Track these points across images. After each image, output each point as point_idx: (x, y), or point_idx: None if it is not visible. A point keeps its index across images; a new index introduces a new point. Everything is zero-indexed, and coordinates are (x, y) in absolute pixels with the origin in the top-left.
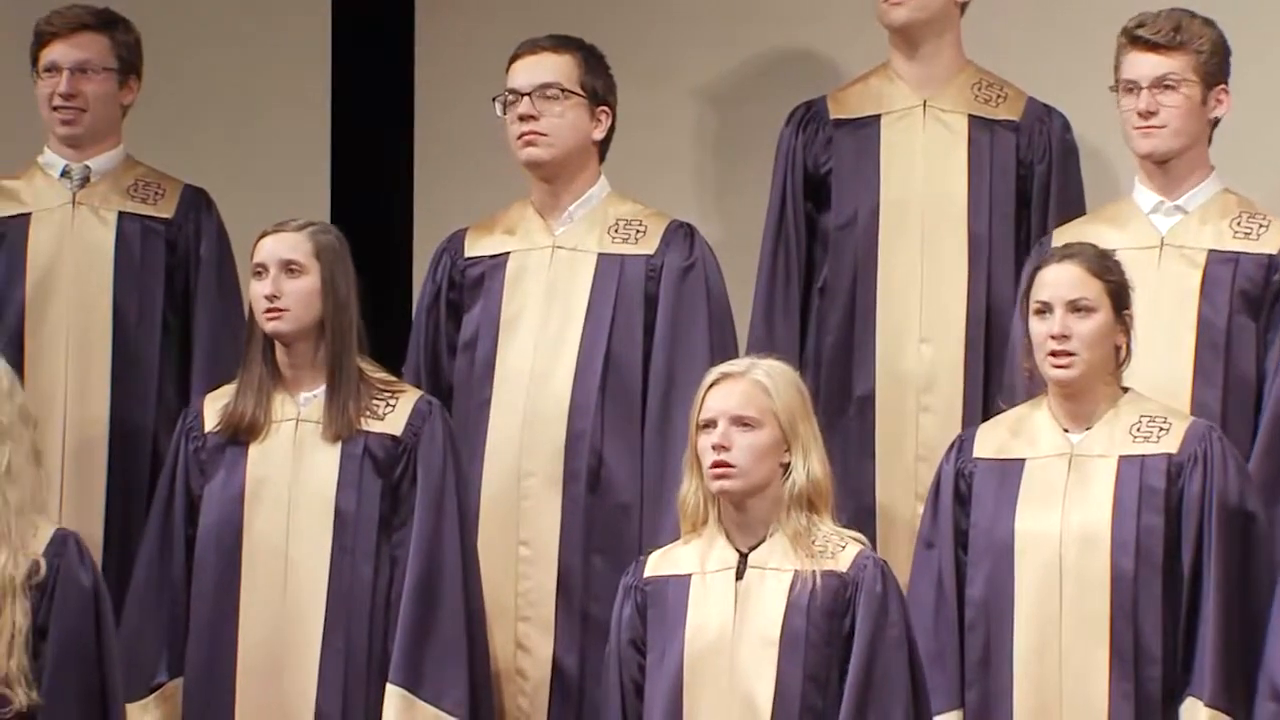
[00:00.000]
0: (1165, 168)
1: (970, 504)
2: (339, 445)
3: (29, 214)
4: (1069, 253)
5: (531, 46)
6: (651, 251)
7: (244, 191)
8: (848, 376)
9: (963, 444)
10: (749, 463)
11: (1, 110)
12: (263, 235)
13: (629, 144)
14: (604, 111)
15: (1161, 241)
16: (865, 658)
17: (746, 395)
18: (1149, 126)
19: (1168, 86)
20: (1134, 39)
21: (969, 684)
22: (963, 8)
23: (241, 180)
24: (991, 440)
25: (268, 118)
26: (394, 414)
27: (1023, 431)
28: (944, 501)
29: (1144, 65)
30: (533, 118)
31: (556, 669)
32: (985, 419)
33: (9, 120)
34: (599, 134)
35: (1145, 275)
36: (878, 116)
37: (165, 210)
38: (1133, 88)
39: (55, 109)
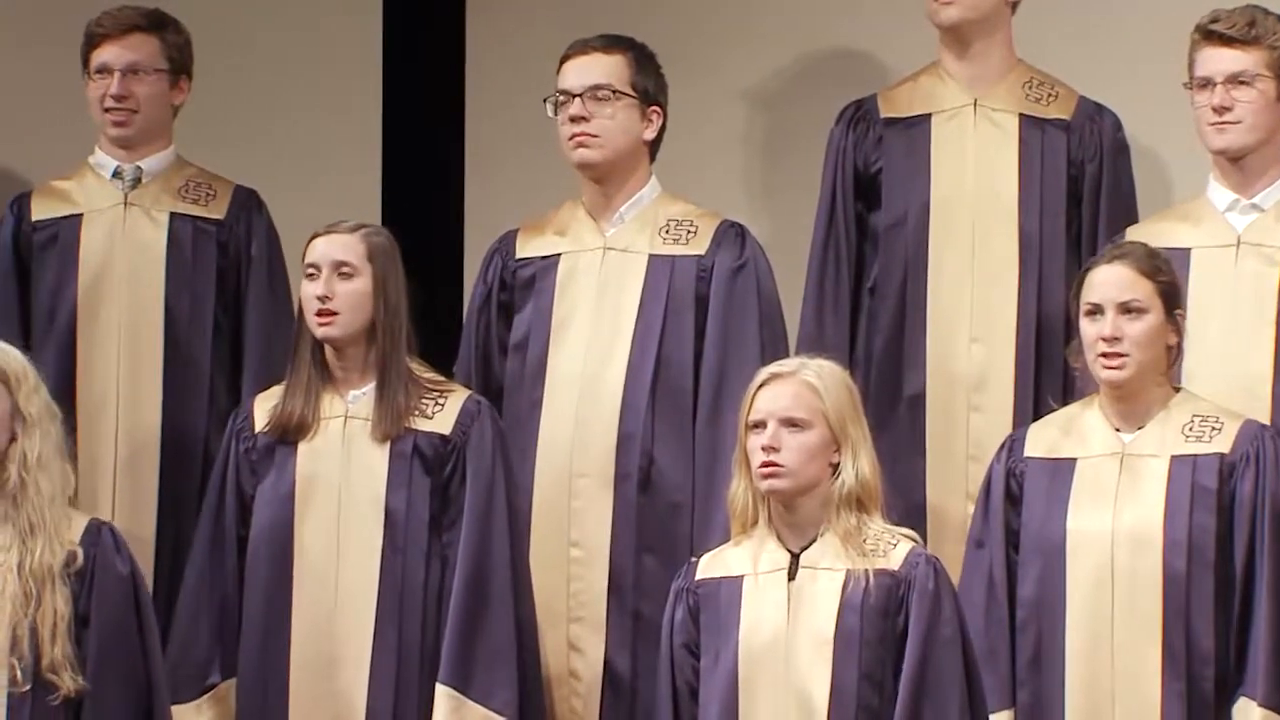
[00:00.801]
0: (1240, 164)
1: (1021, 503)
2: (388, 444)
3: (80, 215)
4: (1119, 253)
5: (582, 47)
6: (702, 252)
7: (295, 193)
8: (898, 376)
9: (1013, 443)
10: (798, 463)
11: (52, 111)
12: (315, 236)
13: (677, 143)
14: (655, 111)
15: (1238, 239)
16: (919, 656)
17: (796, 396)
18: (1223, 123)
19: (1242, 82)
20: (1208, 35)
21: (1020, 684)
22: (1014, 7)
23: (292, 181)
24: (1042, 440)
25: (319, 119)
26: (443, 413)
27: (1074, 431)
28: (995, 501)
29: (1218, 61)
30: (584, 119)
31: (609, 669)
32: (1036, 418)
33: (59, 121)
34: (650, 134)
35: (1223, 274)
36: (928, 115)
37: (217, 211)
38: (1206, 84)
39: (107, 110)
